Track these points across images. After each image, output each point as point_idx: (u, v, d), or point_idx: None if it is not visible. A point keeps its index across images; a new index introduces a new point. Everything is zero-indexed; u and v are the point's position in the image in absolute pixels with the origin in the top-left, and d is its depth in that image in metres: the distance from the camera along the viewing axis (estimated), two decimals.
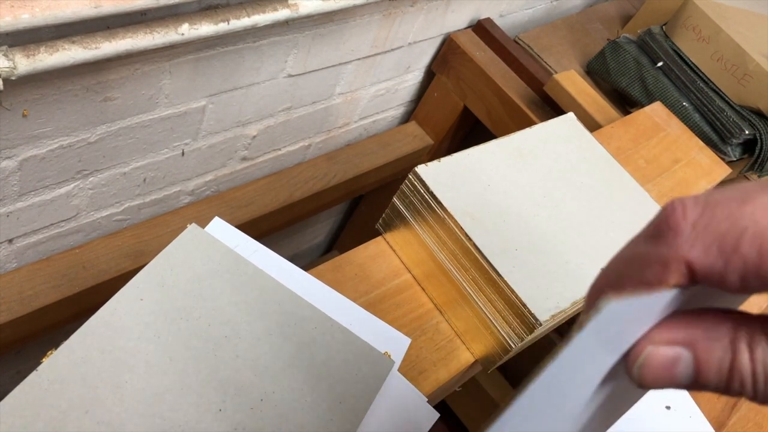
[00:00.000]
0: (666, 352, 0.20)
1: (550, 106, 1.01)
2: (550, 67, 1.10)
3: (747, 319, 0.20)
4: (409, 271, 0.61)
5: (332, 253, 1.50)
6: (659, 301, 0.20)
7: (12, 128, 0.61)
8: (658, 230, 0.20)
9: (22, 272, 0.75)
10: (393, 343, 0.52)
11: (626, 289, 0.20)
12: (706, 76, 0.98)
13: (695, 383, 0.20)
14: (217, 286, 0.47)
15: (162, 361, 0.43)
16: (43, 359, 0.41)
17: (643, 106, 0.93)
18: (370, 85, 1.03)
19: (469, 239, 0.54)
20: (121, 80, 0.66)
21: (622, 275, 0.20)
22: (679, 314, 0.21)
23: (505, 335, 0.55)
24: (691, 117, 0.97)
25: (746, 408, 0.62)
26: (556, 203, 0.61)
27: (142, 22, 0.61)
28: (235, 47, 0.74)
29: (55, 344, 0.41)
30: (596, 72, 1.09)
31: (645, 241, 0.20)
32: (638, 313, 0.20)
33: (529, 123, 0.98)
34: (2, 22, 0.49)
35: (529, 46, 1.12)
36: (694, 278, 0.19)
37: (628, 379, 0.21)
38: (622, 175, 0.68)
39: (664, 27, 1.05)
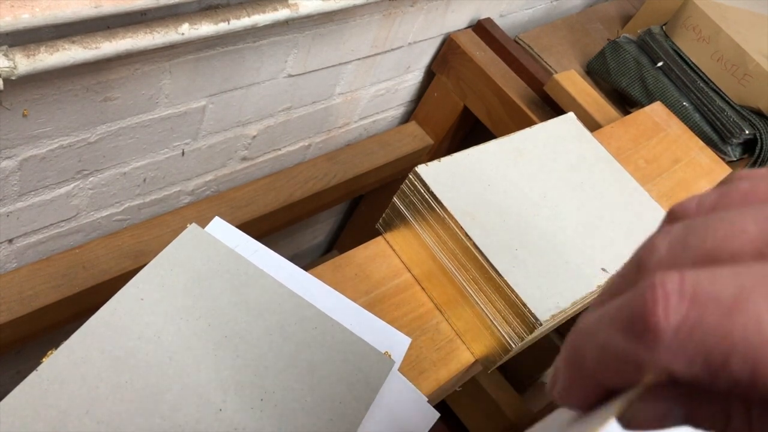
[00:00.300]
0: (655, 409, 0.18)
1: (550, 106, 1.01)
2: (550, 67, 1.10)
3: None
4: (409, 271, 0.61)
5: (332, 253, 1.50)
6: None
7: (12, 128, 0.61)
8: (635, 326, 0.16)
9: (22, 272, 0.75)
10: (393, 343, 0.52)
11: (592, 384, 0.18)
12: (706, 76, 0.98)
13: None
14: (217, 286, 0.47)
15: (162, 361, 0.43)
16: (43, 359, 0.41)
17: (643, 106, 0.93)
18: (370, 85, 1.03)
19: (469, 239, 0.54)
20: (121, 80, 0.66)
21: (594, 366, 0.18)
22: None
23: (505, 335, 0.55)
24: (691, 117, 0.97)
25: None
26: (556, 203, 0.61)
27: (142, 22, 0.61)
28: (235, 47, 0.74)
29: (55, 344, 0.41)
30: (596, 72, 1.09)
31: (620, 332, 0.17)
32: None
33: (529, 123, 0.98)
34: (2, 22, 0.49)
35: (529, 46, 1.12)
36: (675, 381, 0.17)
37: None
38: (622, 175, 0.68)
39: (664, 27, 1.05)
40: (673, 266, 0.17)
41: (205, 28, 0.64)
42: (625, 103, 1.07)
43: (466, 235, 0.55)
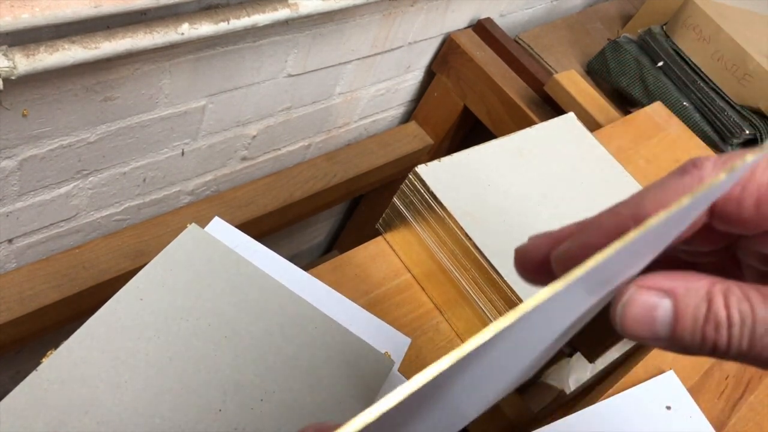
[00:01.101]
0: (648, 295, 0.21)
1: (551, 106, 1.01)
2: (551, 66, 1.10)
3: (723, 278, 0.22)
4: (409, 271, 0.61)
5: (332, 253, 1.50)
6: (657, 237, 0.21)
7: (12, 128, 0.61)
8: (683, 168, 0.22)
9: (22, 272, 0.75)
10: (393, 343, 0.52)
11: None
12: (706, 76, 0.98)
13: (672, 334, 0.21)
14: (217, 286, 0.47)
15: (162, 361, 0.43)
16: (43, 359, 0.41)
17: (643, 105, 0.93)
18: (370, 84, 1.03)
19: (469, 239, 0.54)
20: (121, 80, 0.66)
21: (644, 196, 0.23)
22: (662, 271, 0.22)
23: None
24: (691, 117, 0.97)
25: (746, 408, 0.62)
26: (556, 203, 0.61)
27: (142, 22, 0.61)
28: (235, 47, 0.74)
29: (55, 344, 0.41)
30: (596, 72, 1.09)
31: (669, 178, 0.23)
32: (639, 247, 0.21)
33: (529, 123, 0.98)
34: (2, 22, 0.49)
35: (529, 46, 1.12)
36: (712, 206, 0.22)
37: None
38: (623, 175, 0.68)
39: (664, 27, 1.05)
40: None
41: (205, 27, 0.64)
42: (626, 103, 1.07)
43: (466, 235, 0.55)
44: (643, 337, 0.21)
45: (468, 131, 1.21)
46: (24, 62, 0.53)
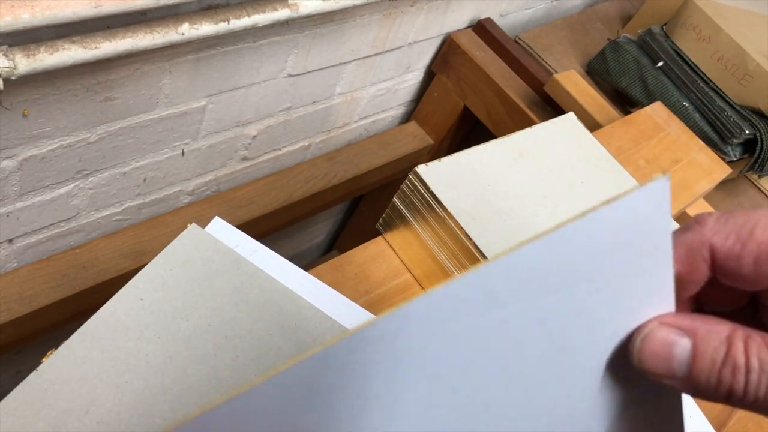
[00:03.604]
0: (669, 332, 0.22)
1: (551, 106, 1.01)
2: (551, 66, 1.10)
3: (745, 325, 0.21)
4: (410, 271, 0.61)
5: (332, 253, 1.50)
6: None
7: (12, 128, 0.61)
8: (687, 225, 0.23)
9: (22, 272, 0.75)
10: None
11: None
12: (706, 76, 0.98)
13: (689, 374, 0.21)
14: (217, 286, 0.47)
15: (162, 361, 0.43)
16: (43, 359, 0.41)
17: (643, 105, 0.93)
18: (370, 85, 1.03)
19: (470, 239, 0.54)
20: (121, 80, 0.66)
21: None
22: (684, 312, 0.22)
23: None
24: (691, 117, 0.97)
25: None
26: (556, 203, 0.61)
27: (142, 22, 0.61)
28: (235, 47, 0.74)
29: (55, 344, 0.41)
30: (596, 72, 1.09)
31: (674, 235, 0.23)
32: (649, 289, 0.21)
33: (529, 123, 0.98)
34: (2, 22, 0.49)
35: (529, 46, 1.12)
36: (714, 262, 0.22)
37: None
38: (623, 175, 0.68)
39: (664, 27, 1.05)
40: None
41: (205, 28, 0.64)
42: (626, 103, 1.07)
43: (466, 235, 0.55)
44: (658, 374, 0.21)
45: (468, 131, 1.21)
46: (24, 62, 0.53)
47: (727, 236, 0.22)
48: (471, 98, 1.07)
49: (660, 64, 1.01)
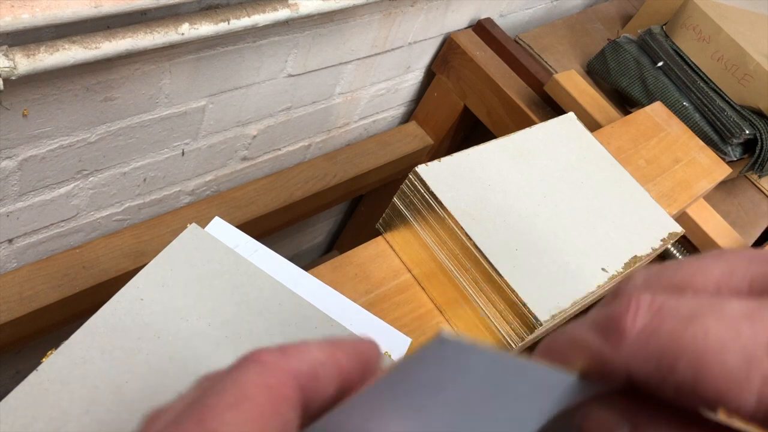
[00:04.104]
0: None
1: (551, 106, 1.01)
2: (551, 66, 1.10)
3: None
4: (410, 271, 0.61)
5: (332, 253, 1.50)
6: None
7: (12, 128, 0.61)
8: (607, 326, 0.20)
9: (22, 272, 0.75)
10: (393, 343, 0.52)
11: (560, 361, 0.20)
12: (706, 76, 0.98)
13: None
14: (217, 286, 0.47)
15: (162, 361, 0.43)
16: (43, 359, 0.41)
17: (643, 105, 0.93)
18: (370, 85, 1.03)
19: (470, 239, 0.54)
20: (121, 80, 0.66)
21: (564, 351, 0.21)
22: None
23: (505, 335, 0.55)
24: (691, 117, 0.97)
25: None
26: (556, 203, 0.61)
27: (142, 22, 0.61)
28: (235, 47, 0.74)
29: (55, 344, 0.41)
30: (596, 72, 1.09)
31: (592, 329, 0.20)
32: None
33: (529, 123, 0.98)
34: (2, 22, 0.49)
35: (529, 46, 1.12)
36: (629, 380, 0.19)
37: None
38: (623, 175, 0.68)
39: (664, 27, 1.05)
40: (648, 290, 0.20)
41: (205, 28, 0.64)
42: (626, 103, 1.07)
43: (466, 235, 0.55)
44: None
45: (468, 131, 1.21)
46: (24, 62, 0.53)
47: (647, 362, 0.19)
48: (471, 98, 1.07)
49: (660, 64, 1.01)
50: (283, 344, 0.20)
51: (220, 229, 0.53)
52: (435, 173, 0.58)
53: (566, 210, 0.61)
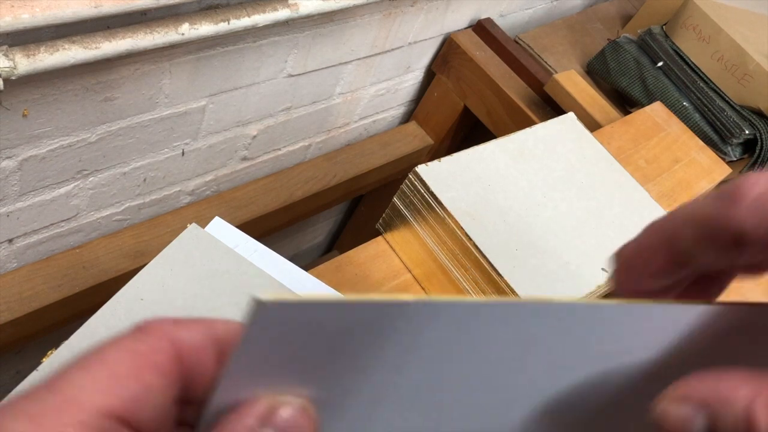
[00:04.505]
0: (683, 408, 0.20)
1: (550, 106, 1.01)
2: (551, 67, 1.10)
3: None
4: (410, 271, 0.61)
5: (332, 253, 1.50)
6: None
7: (12, 128, 0.61)
8: (727, 193, 0.21)
9: (22, 272, 0.75)
10: None
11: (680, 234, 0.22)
12: (706, 76, 0.98)
13: None
14: (217, 286, 0.47)
15: None
16: (43, 359, 0.41)
17: (643, 105, 0.93)
18: (370, 85, 1.03)
19: (470, 239, 0.54)
20: (121, 80, 0.66)
21: (686, 223, 0.22)
22: (701, 373, 0.20)
23: None
24: (691, 117, 0.97)
25: None
26: (556, 203, 0.61)
27: (142, 22, 0.61)
28: (235, 47, 0.74)
29: (55, 344, 0.41)
30: (596, 72, 1.09)
31: (710, 199, 0.22)
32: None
33: (529, 123, 0.98)
34: (2, 22, 0.49)
35: (529, 46, 1.12)
36: (742, 241, 0.21)
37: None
38: (623, 175, 0.68)
39: (664, 27, 1.05)
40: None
41: (205, 28, 0.64)
42: (625, 103, 1.07)
43: (466, 235, 0.55)
44: None
45: (468, 131, 1.21)
46: (24, 62, 0.53)
47: (760, 222, 0.20)
48: (471, 98, 1.07)
49: (660, 64, 1.01)
50: (190, 316, 0.20)
51: (220, 229, 0.53)
52: (435, 173, 0.58)
53: (566, 210, 0.61)
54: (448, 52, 1.07)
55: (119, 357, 0.18)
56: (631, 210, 0.64)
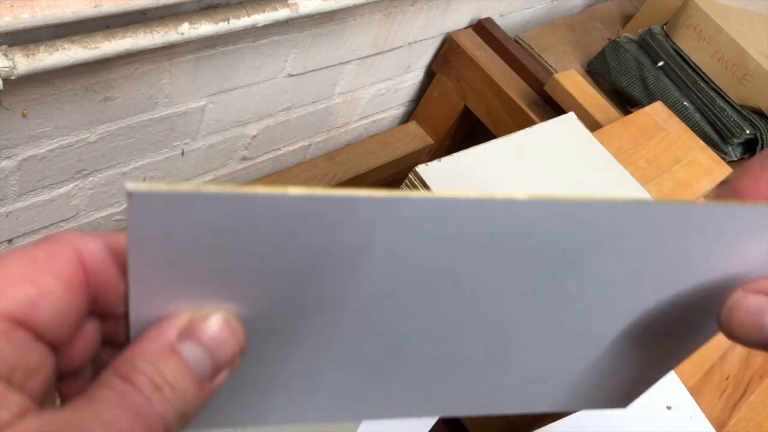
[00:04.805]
0: (755, 299, 0.21)
1: (551, 106, 1.01)
2: (551, 66, 1.10)
3: None
4: None
5: None
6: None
7: (12, 128, 0.61)
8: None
9: None
10: None
11: None
12: (706, 76, 0.98)
13: None
14: None
15: None
16: None
17: (643, 105, 0.93)
18: (370, 84, 1.03)
19: None
20: (121, 80, 0.66)
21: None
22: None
23: None
24: (691, 117, 0.97)
25: (747, 408, 0.62)
26: None
27: (141, 22, 0.61)
28: (235, 47, 0.74)
29: None
30: (597, 72, 1.09)
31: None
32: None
33: (529, 123, 0.98)
34: (2, 22, 0.49)
35: (529, 46, 1.12)
36: None
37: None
38: (623, 175, 0.68)
39: (664, 27, 1.05)
40: None
41: (205, 27, 0.64)
42: (626, 102, 1.07)
43: None
44: (752, 343, 0.21)
45: (468, 131, 1.21)
46: (24, 62, 0.53)
47: None
48: (471, 98, 1.07)
49: (660, 63, 1.01)
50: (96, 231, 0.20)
51: None
52: (435, 173, 0.58)
53: None
54: (448, 52, 1.07)
55: (17, 262, 0.18)
56: None
